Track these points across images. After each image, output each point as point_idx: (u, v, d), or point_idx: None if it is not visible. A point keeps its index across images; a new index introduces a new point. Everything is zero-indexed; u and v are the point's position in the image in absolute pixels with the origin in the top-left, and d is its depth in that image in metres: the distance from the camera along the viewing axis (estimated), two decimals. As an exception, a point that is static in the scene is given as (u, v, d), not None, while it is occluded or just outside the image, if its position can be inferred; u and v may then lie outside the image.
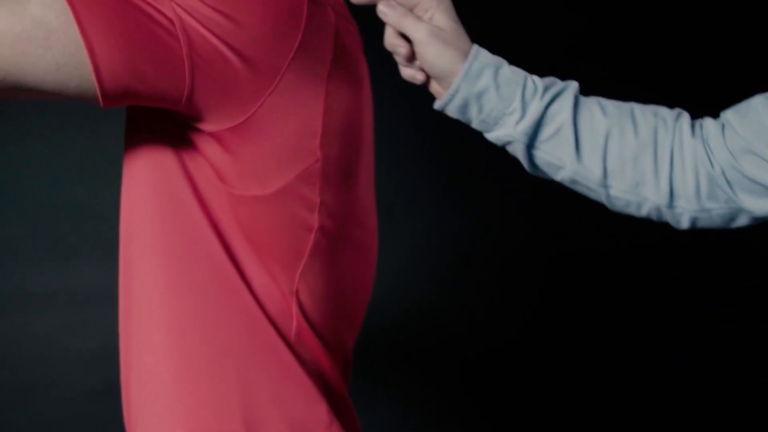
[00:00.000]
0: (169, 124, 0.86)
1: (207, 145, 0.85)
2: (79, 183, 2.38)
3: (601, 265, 2.49)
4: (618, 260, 2.49)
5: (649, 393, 2.45)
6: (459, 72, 0.91)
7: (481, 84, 0.92)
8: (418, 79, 0.96)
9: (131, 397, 0.93)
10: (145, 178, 0.89)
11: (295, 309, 0.91)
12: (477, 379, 2.47)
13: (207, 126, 0.84)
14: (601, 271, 2.49)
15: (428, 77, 0.95)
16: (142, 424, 0.92)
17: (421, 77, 0.95)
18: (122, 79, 0.78)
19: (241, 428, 0.89)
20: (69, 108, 2.22)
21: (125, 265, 0.92)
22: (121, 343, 0.95)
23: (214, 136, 0.84)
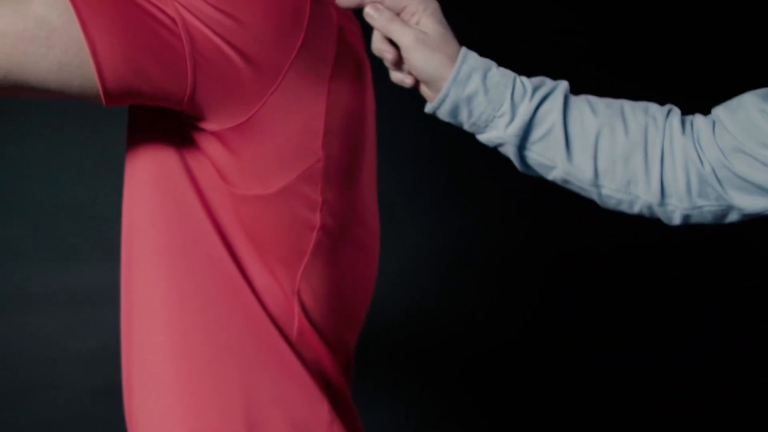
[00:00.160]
0: (171, 124, 0.86)
1: (209, 145, 0.85)
2: (79, 183, 2.37)
3: (601, 265, 2.49)
4: (618, 260, 2.49)
5: (649, 393, 2.45)
6: (447, 76, 0.91)
7: (470, 88, 0.92)
8: (406, 83, 0.96)
9: (133, 397, 0.93)
10: (147, 177, 0.89)
11: (296, 308, 0.91)
12: (477, 379, 2.47)
13: (209, 125, 0.84)
14: (601, 271, 2.49)
15: (417, 81, 0.95)
16: (143, 424, 0.92)
17: (410, 81, 0.95)
18: (124, 78, 0.78)
19: (242, 428, 0.88)
20: (69, 108, 2.22)
21: (127, 265, 0.92)
22: (122, 343, 0.95)
23: (217, 135, 0.84)
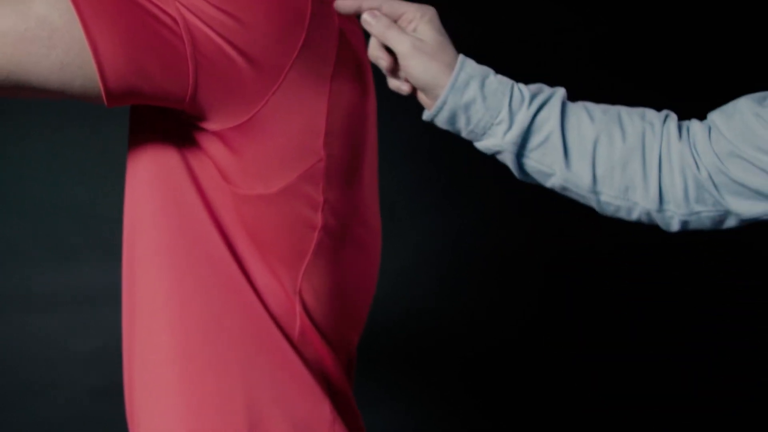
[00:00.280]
0: (172, 124, 0.86)
1: (211, 145, 0.85)
2: (79, 183, 2.37)
3: (601, 265, 2.49)
4: (618, 260, 2.49)
5: (649, 393, 2.45)
6: (444, 84, 0.91)
7: (468, 95, 0.92)
8: (403, 90, 0.96)
9: (134, 397, 0.93)
10: (149, 177, 0.89)
11: (298, 308, 0.91)
12: (477, 379, 2.47)
13: (211, 125, 0.84)
14: (601, 271, 2.49)
15: (414, 88, 0.95)
16: (145, 424, 0.92)
17: (407, 88, 0.95)
18: (126, 78, 0.78)
19: (243, 428, 0.88)
20: (69, 108, 2.22)
21: (129, 265, 0.92)
22: (124, 343, 0.95)
23: (218, 135, 0.84)
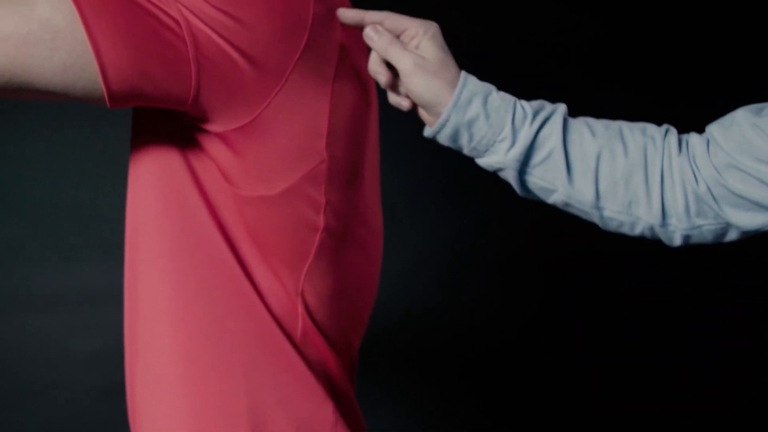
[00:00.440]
0: (175, 126, 0.86)
1: (213, 146, 0.85)
2: (80, 183, 2.37)
3: (601, 265, 2.49)
4: (618, 260, 2.49)
5: (649, 393, 2.45)
6: (447, 101, 0.91)
7: (471, 113, 0.91)
8: (404, 106, 0.95)
9: (136, 398, 0.93)
10: (151, 179, 0.89)
11: (300, 309, 0.91)
12: (477, 379, 2.47)
13: (213, 127, 0.84)
14: (601, 271, 2.49)
15: (415, 104, 0.95)
16: (147, 425, 0.92)
17: (407, 104, 0.95)
18: (129, 80, 0.78)
19: (246, 429, 0.88)
20: (69, 108, 2.22)
21: (131, 267, 0.92)
22: (126, 344, 0.94)
23: (221, 136, 0.84)
